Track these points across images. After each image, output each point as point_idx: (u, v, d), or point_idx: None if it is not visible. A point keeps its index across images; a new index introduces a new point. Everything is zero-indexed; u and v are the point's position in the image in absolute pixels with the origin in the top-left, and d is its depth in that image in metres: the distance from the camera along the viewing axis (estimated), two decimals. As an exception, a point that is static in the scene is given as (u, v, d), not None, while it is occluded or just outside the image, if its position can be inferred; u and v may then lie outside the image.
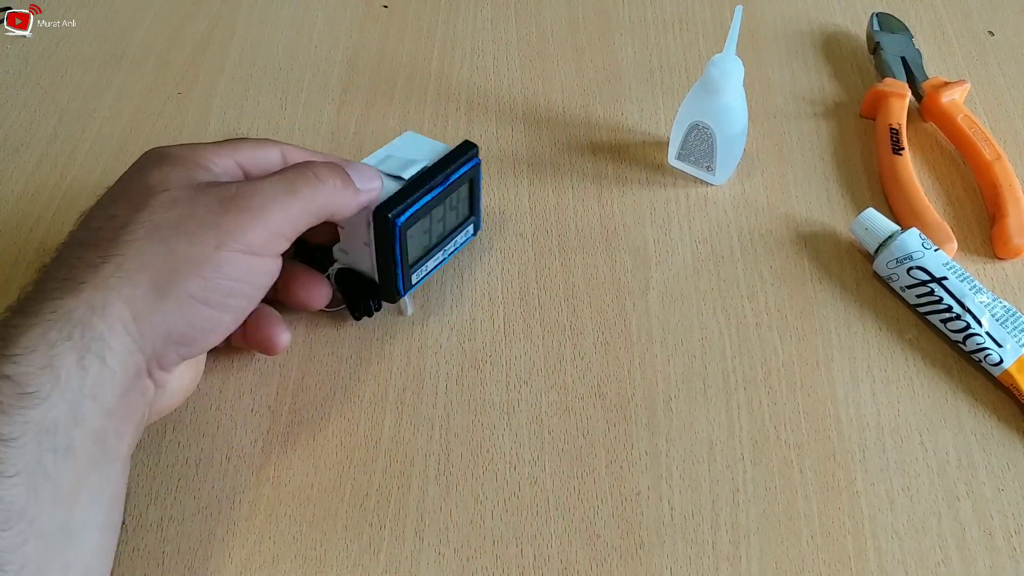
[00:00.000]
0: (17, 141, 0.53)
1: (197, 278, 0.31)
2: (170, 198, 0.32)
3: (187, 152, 0.35)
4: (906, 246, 0.43)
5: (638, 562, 0.37)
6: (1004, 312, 0.42)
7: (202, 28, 0.59)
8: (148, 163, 0.34)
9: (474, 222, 0.45)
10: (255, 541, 0.37)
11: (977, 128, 0.49)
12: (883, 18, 0.56)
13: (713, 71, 0.44)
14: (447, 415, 0.41)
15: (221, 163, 0.35)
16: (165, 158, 0.34)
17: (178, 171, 0.33)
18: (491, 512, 0.38)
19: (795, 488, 0.39)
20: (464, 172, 0.41)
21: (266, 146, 0.38)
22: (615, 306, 0.45)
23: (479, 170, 0.43)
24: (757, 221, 0.48)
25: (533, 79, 0.56)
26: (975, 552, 0.37)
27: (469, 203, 0.44)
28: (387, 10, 0.60)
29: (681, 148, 0.49)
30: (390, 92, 0.55)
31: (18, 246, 0.48)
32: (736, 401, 0.41)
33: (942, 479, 0.39)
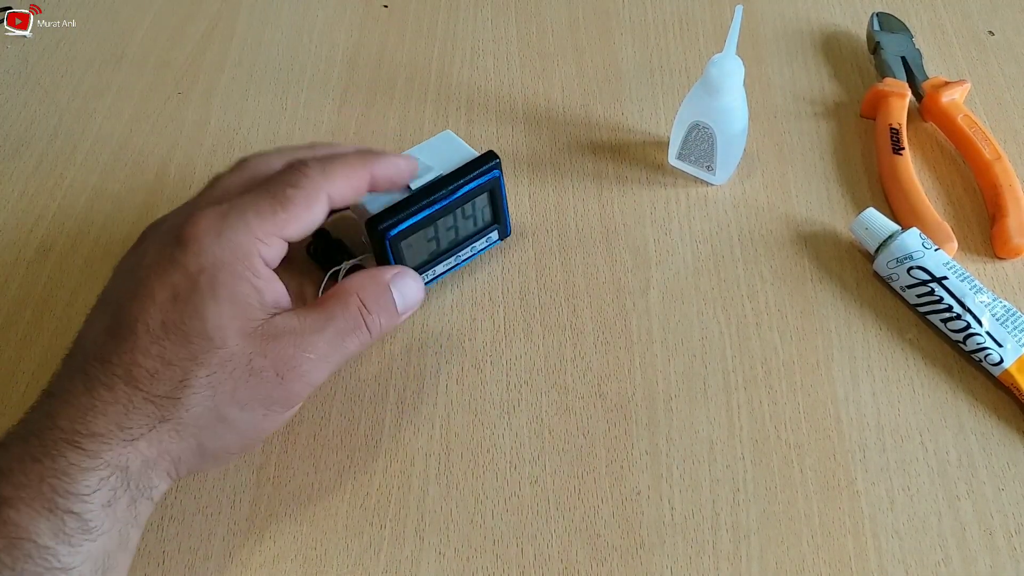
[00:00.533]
0: (17, 141, 0.53)
1: (236, 439, 0.33)
2: (228, 357, 0.31)
3: (241, 267, 0.32)
4: (906, 246, 0.43)
5: (638, 562, 0.37)
6: (1004, 312, 0.42)
7: (202, 28, 0.59)
8: (204, 285, 0.31)
9: (499, 229, 0.45)
10: (255, 540, 0.38)
11: (977, 128, 0.49)
12: (883, 18, 0.56)
13: (713, 71, 0.44)
14: (447, 415, 0.41)
15: (274, 254, 0.34)
16: (219, 283, 0.32)
17: (236, 312, 0.32)
18: (491, 511, 0.38)
19: (795, 488, 0.39)
20: (479, 184, 0.41)
21: (355, 182, 0.36)
22: (615, 306, 0.45)
23: (500, 181, 0.42)
24: (757, 221, 0.48)
25: (533, 79, 0.56)
26: (975, 552, 0.37)
27: (492, 211, 0.43)
28: (387, 10, 0.60)
29: (681, 148, 0.49)
30: (390, 92, 0.55)
31: (18, 246, 0.48)
32: (736, 401, 0.41)
33: (942, 479, 0.39)
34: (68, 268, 0.47)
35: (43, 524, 0.28)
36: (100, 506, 0.30)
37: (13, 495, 0.28)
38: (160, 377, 0.31)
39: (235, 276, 0.32)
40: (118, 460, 0.30)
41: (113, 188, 0.51)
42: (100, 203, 0.50)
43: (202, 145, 0.53)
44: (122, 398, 0.30)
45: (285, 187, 0.34)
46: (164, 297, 0.31)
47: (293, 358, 0.33)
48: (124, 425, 0.30)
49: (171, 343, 0.31)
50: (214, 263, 0.32)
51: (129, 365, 0.31)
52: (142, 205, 0.50)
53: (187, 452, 0.32)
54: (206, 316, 0.31)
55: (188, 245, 0.32)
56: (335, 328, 0.34)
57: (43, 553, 0.28)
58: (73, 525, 0.29)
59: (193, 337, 0.31)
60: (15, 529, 0.28)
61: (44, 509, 0.29)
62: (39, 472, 0.29)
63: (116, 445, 0.30)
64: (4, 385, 0.42)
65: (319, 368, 0.34)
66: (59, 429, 0.30)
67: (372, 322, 0.35)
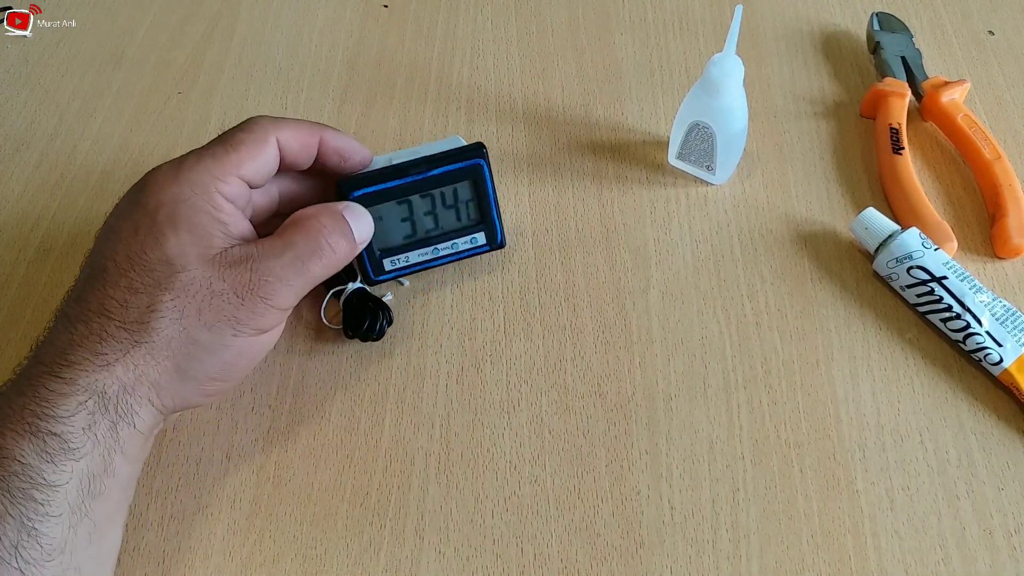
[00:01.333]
0: (17, 141, 0.53)
1: (214, 362, 0.35)
2: (190, 281, 0.34)
3: (200, 201, 0.35)
4: (906, 245, 0.43)
5: (638, 561, 0.37)
6: (1004, 311, 0.42)
7: (202, 28, 0.59)
8: (163, 218, 0.34)
9: (486, 231, 0.44)
10: (256, 540, 0.38)
11: (977, 127, 0.49)
12: (883, 18, 0.56)
13: (713, 71, 0.44)
14: (447, 414, 0.41)
15: (233, 191, 0.36)
16: (179, 215, 0.34)
17: (195, 239, 0.34)
18: (491, 511, 0.38)
19: (795, 487, 0.39)
20: (458, 168, 0.41)
21: (303, 135, 0.38)
22: (615, 305, 0.45)
23: (483, 172, 0.41)
24: (757, 221, 0.48)
25: (533, 79, 0.56)
26: (975, 551, 0.37)
27: (478, 208, 0.43)
28: (387, 10, 0.60)
29: (681, 148, 0.49)
30: (390, 92, 0.55)
31: (18, 245, 0.48)
32: (736, 400, 0.41)
33: (942, 478, 0.39)
34: (68, 267, 0.47)
35: (26, 445, 0.30)
36: (80, 429, 0.31)
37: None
38: (129, 305, 0.33)
39: (193, 208, 0.34)
40: (94, 385, 0.32)
41: (113, 188, 0.51)
42: (100, 203, 0.50)
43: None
44: (96, 329, 0.33)
45: (236, 132, 0.37)
46: (127, 233, 0.34)
47: (250, 281, 0.35)
48: (99, 352, 0.32)
49: (136, 273, 0.33)
50: (172, 199, 0.34)
51: (101, 299, 0.33)
52: (142, 205, 0.50)
53: (165, 376, 0.34)
54: (165, 244, 0.34)
55: (148, 188, 0.35)
56: (295, 252, 0.36)
57: (28, 471, 0.30)
58: (55, 445, 0.31)
59: (156, 264, 0.33)
60: (1, 451, 0.30)
61: (26, 432, 0.31)
62: (22, 402, 0.31)
63: (92, 371, 0.32)
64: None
65: (280, 291, 0.35)
66: (41, 364, 0.32)
67: (335, 243, 0.37)
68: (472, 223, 0.43)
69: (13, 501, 0.30)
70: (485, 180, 0.42)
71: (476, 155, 0.41)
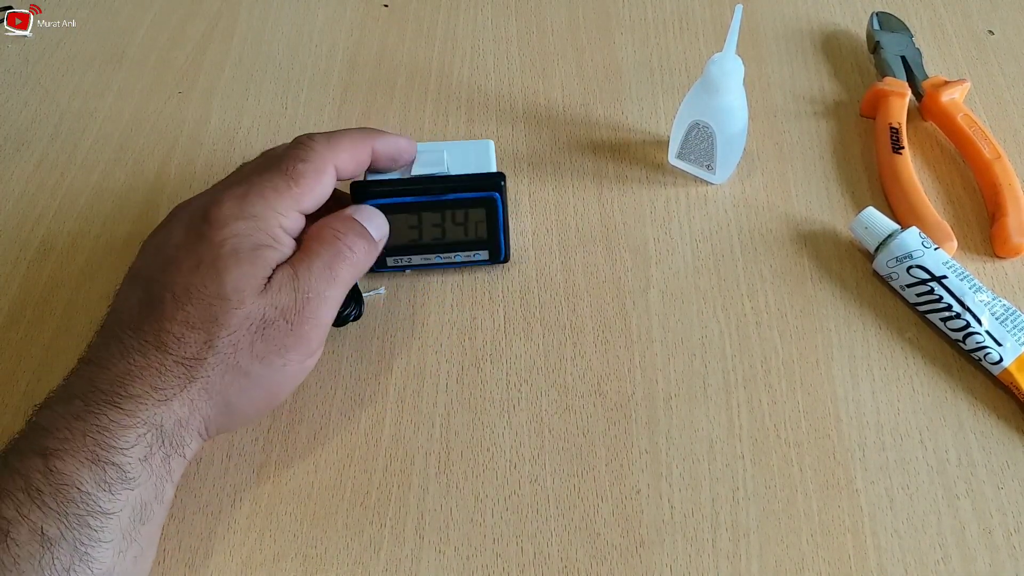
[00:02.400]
0: (18, 140, 0.53)
1: (260, 393, 0.36)
2: (245, 315, 0.34)
3: (263, 236, 0.35)
4: (906, 245, 0.43)
5: (638, 560, 0.37)
6: (1004, 311, 0.42)
7: (202, 27, 0.59)
8: (227, 253, 0.34)
9: (490, 249, 0.44)
10: (256, 539, 0.38)
11: (977, 127, 0.49)
12: (883, 17, 0.56)
13: (713, 70, 0.44)
14: (447, 413, 0.41)
15: (292, 224, 0.36)
16: (242, 249, 0.34)
17: (253, 272, 0.34)
18: (491, 510, 0.38)
19: (795, 486, 0.39)
20: (473, 198, 0.42)
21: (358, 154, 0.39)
22: (615, 305, 0.45)
23: (497, 205, 0.42)
24: (757, 220, 0.48)
25: (533, 78, 0.56)
26: (974, 550, 0.37)
27: (488, 230, 0.43)
28: (387, 9, 0.60)
29: (681, 147, 0.49)
30: (390, 91, 0.55)
31: (19, 245, 0.48)
32: (736, 400, 0.41)
33: (942, 477, 0.39)
34: (69, 267, 0.47)
35: (86, 473, 0.31)
36: (138, 459, 0.32)
37: (59, 448, 0.31)
38: (186, 340, 0.33)
39: (256, 243, 0.35)
40: (153, 419, 0.33)
41: (114, 187, 0.51)
42: (101, 202, 0.50)
43: (202, 144, 0.53)
44: (154, 362, 0.33)
45: (295, 162, 0.37)
46: (189, 266, 0.34)
47: (296, 302, 0.35)
48: (158, 387, 0.33)
49: (193, 307, 0.33)
50: (236, 233, 0.35)
51: (158, 332, 0.33)
52: (143, 204, 0.50)
53: (216, 410, 0.34)
54: (226, 279, 0.34)
55: (214, 222, 0.35)
56: (321, 261, 0.36)
57: (86, 499, 0.31)
58: (113, 475, 0.31)
59: (213, 299, 0.34)
60: (61, 477, 0.31)
61: (87, 460, 0.31)
62: (82, 428, 0.32)
63: (151, 405, 0.33)
64: (5, 384, 0.43)
65: (320, 306, 0.36)
66: (100, 392, 0.32)
67: (354, 244, 0.38)
68: (478, 240, 0.44)
69: (69, 526, 0.30)
70: (498, 211, 0.42)
71: (494, 188, 0.42)
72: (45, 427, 0.32)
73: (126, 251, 0.48)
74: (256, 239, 0.35)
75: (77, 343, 0.44)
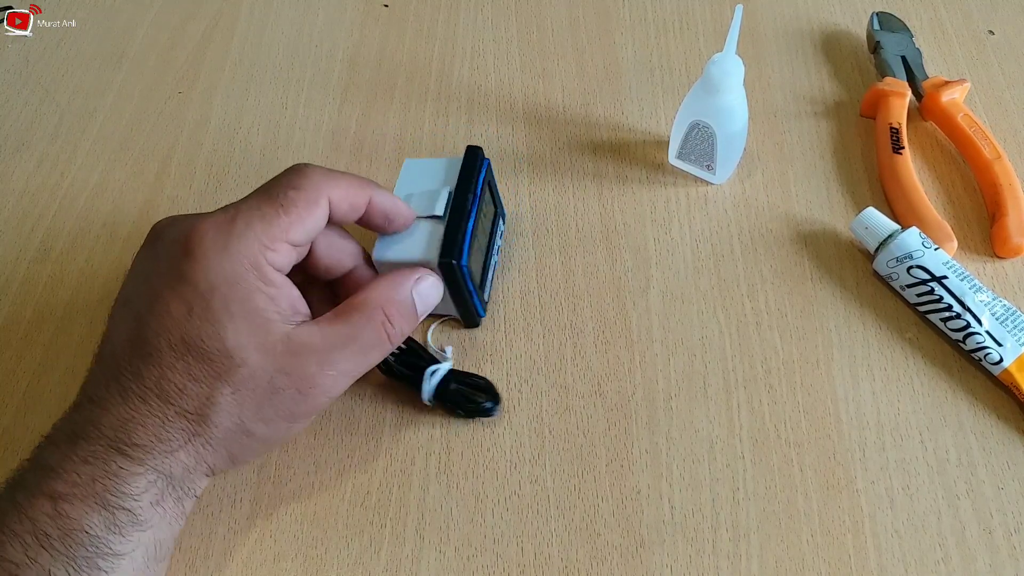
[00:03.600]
0: (18, 140, 0.53)
1: (264, 448, 0.36)
2: (249, 375, 0.32)
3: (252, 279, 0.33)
4: (906, 245, 0.43)
5: (638, 560, 0.37)
6: (1004, 311, 0.42)
7: (203, 27, 0.59)
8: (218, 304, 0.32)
9: (502, 214, 0.46)
10: (256, 539, 0.38)
11: (977, 127, 0.49)
12: (883, 17, 0.56)
13: (713, 70, 0.44)
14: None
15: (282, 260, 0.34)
16: (233, 299, 0.32)
17: (252, 328, 0.32)
18: (492, 510, 0.38)
19: (795, 487, 0.39)
20: (483, 180, 0.42)
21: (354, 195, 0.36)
22: (615, 305, 0.45)
23: (491, 168, 0.43)
24: (757, 220, 0.48)
25: (533, 78, 0.56)
26: (975, 550, 0.37)
27: (494, 201, 0.45)
28: (388, 9, 0.60)
29: (681, 147, 0.49)
30: (391, 91, 0.55)
31: (19, 245, 0.48)
32: (736, 400, 0.41)
33: (942, 477, 0.39)
34: (69, 267, 0.47)
35: (96, 518, 0.31)
36: (149, 504, 0.32)
37: (68, 492, 0.31)
38: (188, 393, 0.32)
39: (248, 289, 0.32)
40: (162, 467, 0.32)
41: (114, 187, 0.51)
42: (101, 202, 0.50)
43: (203, 144, 0.53)
44: (156, 411, 0.32)
45: (287, 188, 0.34)
46: (180, 312, 0.32)
47: (315, 376, 0.33)
48: (163, 438, 0.32)
49: (194, 360, 0.32)
50: (225, 279, 0.32)
51: (159, 379, 0.32)
52: (143, 204, 0.50)
53: (220, 459, 0.34)
54: (224, 335, 0.32)
55: (197, 259, 0.32)
56: (358, 345, 0.35)
57: (95, 542, 0.30)
58: (124, 519, 0.31)
59: (214, 355, 0.32)
60: (69, 521, 0.30)
61: (97, 505, 0.31)
62: (91, 473, 0.31)
63: (158, 455, 0.32)
64: (5, 384, 0.43)
65: (340, 382, 0.35)
66: (104, 437, 0.32)
67: (395, 335, 0.36)
68: (495, 215, 0.45)
69: (78, 569, 0.30)
70: (493, 175, 0.44)
71: (483, 157, 0.43)
72: (52, 467, 0.31)
73: (126, 251, 0.48)
74: (246, 284, 0.32)
75: (77, 343, 0.44)
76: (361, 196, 0.37)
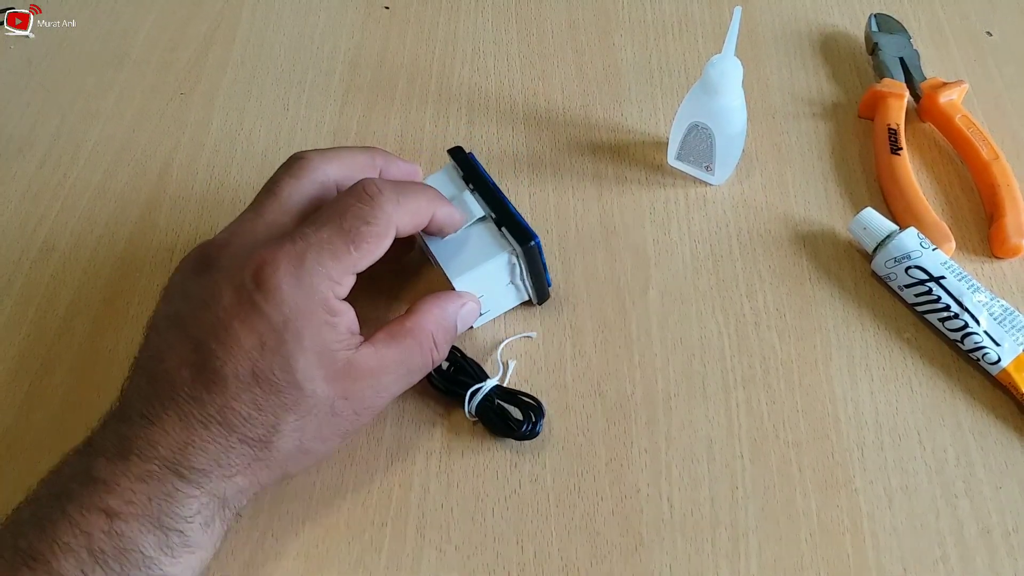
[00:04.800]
0: (20, 141, 0.53)
1: (316, 461, 0.37)
2: (315, 404, 0.33)
3: (321, 313, 0.33)
4: (904, 245, 0.43)
5: (638, 559, 0.37)
6: (1002, 311, 0.42)
7: (204, 29, 0.60)
8: (290, 337, 0.32)
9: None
10: (257, 539, 0.38)
11: (975, 128, 0.49)
12: (881, 19, 0.56)
13: (712, 72, 0.44)
14: (448, 413, 0.41)
15: (345, 290, 0.34)
16: (304, 333, 0.33)
17: (320, 360, 0.33)
18: (492, 509, 0.38)
19: (794, 486, 0.39)
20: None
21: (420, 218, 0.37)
22: (615, 305, 0.45)
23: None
24: (756, 221, 0.48)
25: (533, 80, 0.56)
26: (973, 550, 0.37)
27: None
28: (388, 11, 0.61)
29: (680, 148, 0.49)
30: (391, 93, 0.55)
31: (21, 245, 0.48)
32: (735, 400, 0.42)
33: (940, 477, 0.39)
34: (71, 268, 0.47)
35: (150, 538, 0.31)
36: (200, 526, 0.32)
37: (124, 510, 0.31)
38: (254, 422, 0.33)
39: (317, 324, 0.33)
40: (217, 490, 0.33)
41: (116, 188, 0.51)
42: (103, 203, 0.50)
43: (204, 145, 0.53)
44: (219, 438, 0.32)
45: (360, 224, 0.34)
46: (251, 345, 0.32)
47: (370, 399, 0.35)
48: (223, 463, 0.33)
49: (262, 391, 0.32)
50: (297, 313, 0.33)
51: (223, 408, 0.32)
52: (145, 205, 0.50)
53: (272, 479, 0.35)
54: (295, 368, 0.33)
55: (270, 293, 0.32)
56: (407, 368, 0.37)
57: (148, 563, 0.31)
58: (176, 541, 0.32)
59: (283, 387, 0.33)
60: (125, 540, 0.30)
61: (152, 526, 0.31)
62: (147, 492, 0.31)
63: (216, 480, 0.33)
64: (8, 384, 0.43)
65: (387, 401, 0.37)
66: (161, 458, 0.32)
67: (438, 359, 0.38)
68: None
69: None
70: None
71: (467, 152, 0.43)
72: (105, 481, 0.31)
73: (128, 252, 0.48)
74: (316, 319, 0.33)
75: (79, 343, 0.44)
76: (426, 217, 0.37)
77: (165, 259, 0.47)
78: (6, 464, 0.40)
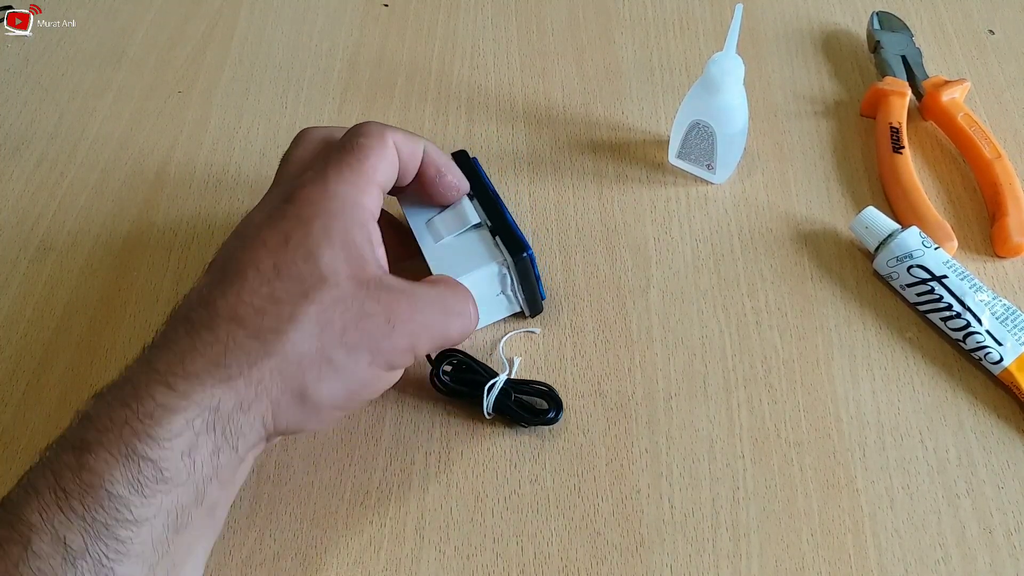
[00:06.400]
0: (18, 140, 0.53)
1: (339, 388, 0.32)
2: (341, 297, 0.31)
3: (352, 218, 0.33)
4: (906, 244, 0.43)
5: (638, 560, 0.37)
6: (1004, 310, 0.42)
7: (202, 27, 0.59)
8: (318, 230, 0.32)
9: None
10: (256, 539, 0.38)
11: (977, 127, 0.49)
12: (883, 17, 0.56)
13: (713, 69, 0.44)
14: (447, 413, 0.41)
15: (374, 204, 0.35)
16: (334, 229, 0.32)
17: (349, 257, 0.32)
18: (491, 510, 0.38)
19: (795, 486, 0.39)
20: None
21: (411, 143, 0.37)
22: (615, 304, 0.45)
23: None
24: (757, 219, 0.48)
25: (533, 78, 0.56)
26: (975, 550, 0.37)
27: None
28: (388, 9, 0.60)
29: (681, 147, 0.49)
30: (390, 91, 0.55)
31: (18, 244, 0.48)
32: (736, 399, 0.41)
33: (942, 477, 0.39)
34: (69, 266, 0.47)
35: (117, 471, 0.28)
36: (178, 454, 0.28)
37: (94, 440, 0.28)
38: (267, 313, 0.30)
39: (348, 222, 0.33)
40: (209, 400, 0.29)
41: (114, 187, 0.51)
42: (101, 201, 0.50)
43: (202, 144, 0.53)
44: (223, 337, 0.30)
45: (356, 138, 0.35)
46: (276, 242, 0.32)
47: (405, 311, 0.33)
48: (222, 363, 0.29)
49: (282, 283, 0.31)
50: (327, 211, 0.32)
51: (235, 304, 0.30)
52: (143, 203, 0.50)
53: (286, 396, 0.31)
54: (320, 257, 0.31)
55: (297, 199, 0.33)
56: (445, 305, 0.35)
57: (115, 503, 0.27)
58: (148, 473, 0.28)
59: (306, 276, 0.31)
60: (91, 476, 0.27)
61: (120, 455, 0.28)
62: (124, 416, 0.28)
63: (210, 385, 0.29)
64: (5, 383, 0.43)
65: (422, 338, 0.34)
66: (155, 372, 0.29)
67: (474, 313, 0.37)
68: None
69: (95, 538, 0.27)
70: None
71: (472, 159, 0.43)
72: (90, 415, 0.29)
73: (126, 250, 0.48)
74: (346, 220, 0.32)
75: (76, 342, 0.44)
76: (416, 143, 0.38)
77: (163, 258, 0.47)
78: (4, 463, 0.40)
